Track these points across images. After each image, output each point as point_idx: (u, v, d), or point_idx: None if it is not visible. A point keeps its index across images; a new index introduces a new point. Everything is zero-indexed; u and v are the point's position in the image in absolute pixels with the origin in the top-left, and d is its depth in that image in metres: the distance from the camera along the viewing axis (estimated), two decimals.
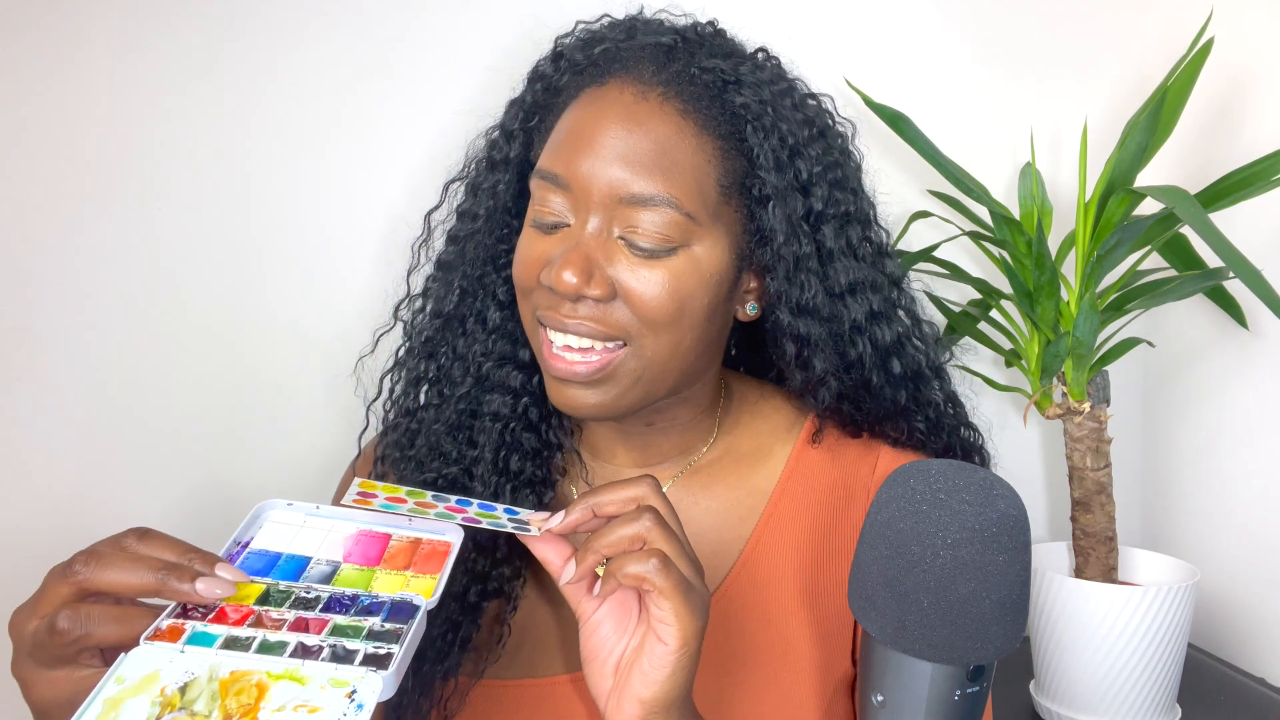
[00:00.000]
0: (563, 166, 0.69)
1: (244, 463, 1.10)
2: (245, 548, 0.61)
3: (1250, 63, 1.06)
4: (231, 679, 0.50)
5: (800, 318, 0.73)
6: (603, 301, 0.69)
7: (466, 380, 0.79)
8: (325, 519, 0.64)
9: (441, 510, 0.64)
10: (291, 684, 0.50)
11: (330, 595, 0.57)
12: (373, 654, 0.53)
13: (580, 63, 0.74)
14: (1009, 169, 1.19)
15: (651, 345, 0.70)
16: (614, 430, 0.78)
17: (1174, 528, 1.19)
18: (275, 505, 0.64)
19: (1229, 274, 0.92)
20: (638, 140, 0.69)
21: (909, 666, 0.55)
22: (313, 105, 1.09)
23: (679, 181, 0.69)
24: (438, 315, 0.81)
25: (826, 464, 0.79)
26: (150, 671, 0.50)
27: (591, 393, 0.70)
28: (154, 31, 1.05)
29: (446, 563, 0.61)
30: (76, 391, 1.06)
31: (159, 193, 1.06)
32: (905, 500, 0.55)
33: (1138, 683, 0.92)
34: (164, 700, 0.49)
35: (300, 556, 0.61)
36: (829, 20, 1.17)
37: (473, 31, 1.10)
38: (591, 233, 0.69)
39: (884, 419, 0.78)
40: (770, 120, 0.73)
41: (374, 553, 0.62)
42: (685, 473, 0.79)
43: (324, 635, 0.54)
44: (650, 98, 0.70)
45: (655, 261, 0.69)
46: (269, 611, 0.55)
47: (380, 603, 0.57)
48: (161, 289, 1.07)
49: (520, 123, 0.78)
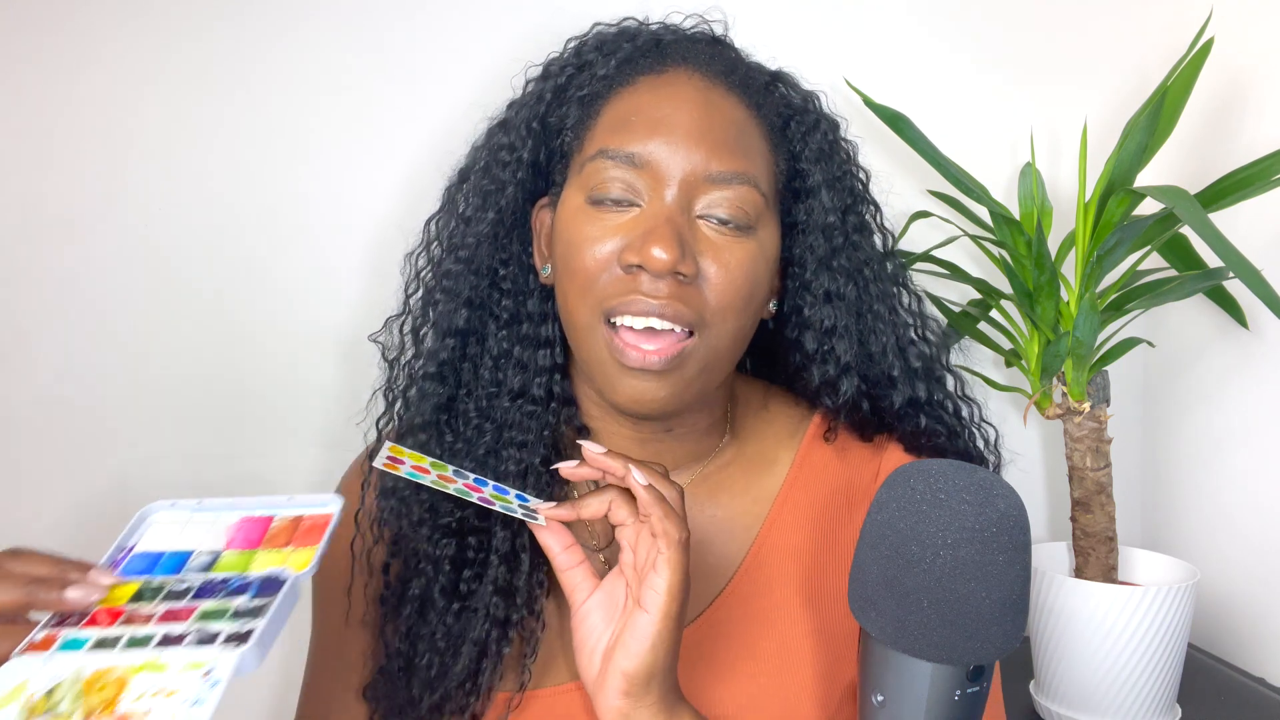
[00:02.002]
0: (639, 144, 0.69)
1: (244, 461, 1.10)
2: (129, 552, 0.62)
3: (1250, 63, 1.06)
4: (95, 678, 0.52)
5: (828, 305, 0.75)
6: (687, 281, 0.68)
7: (485, 428, 0.76)
8: (209, 512, 0.65)
9: (460, 486, 0.65)
10: (152, 673, 0.52)
11: (202, 583, 0.59)
12: (235, 633, 0.54)
13: (624, 52, 0.74)
14: (1009, 169, 1.19)
15: (719, 333, 0.70)
16: (630, 438, 0.77)
17: (1174, 528, 1.19)
18: (159, 507, 0.65)
19: (1229, 274, 0.92)
20: (717, 122, 0.70)
21: (909, 666, 0.55)
22: (310, 106, 1.09)
23: (755, 163, 0.71)
24: (448, 334, 0.77)
25: (832, 467, 0.79)
26: (19, 681, 0.52)
27: (660, 385, 0.69)
28: (154, 33, 1.05)
29: (325, 533, 0.62)
30: (77, 391, 1.06)
31: (159, 193, 1.06)
32: (905, 500, 0.55)
33: (1138, 683, 0.92)
34: (30, 706, 0.51)
35: (182, 552, 0.62)
36: (829, 20, 1.17)
37: (472, 27, 1.10)
38: (670, 209, 0.68)
39: (902, 418, 0.78)
40: (813, 117, 0.76)
41: (256, 535, 0.63)
42: (695, 480, 0.79)
43: (190, 622, 0.55)
44: (718, 85, 0.72)
45: (736, 242, 0.69)
46: (140, 608, 0.57)
47: (248, 582, 0.58)
48: (161, 289, 1.07)
49: (539, 118, 0.76)
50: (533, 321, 0.77)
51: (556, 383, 0.77)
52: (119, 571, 0.60)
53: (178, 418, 1.08)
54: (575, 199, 0.71)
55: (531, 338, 0.77)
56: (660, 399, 0.69)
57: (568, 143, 0.75)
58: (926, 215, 1.09)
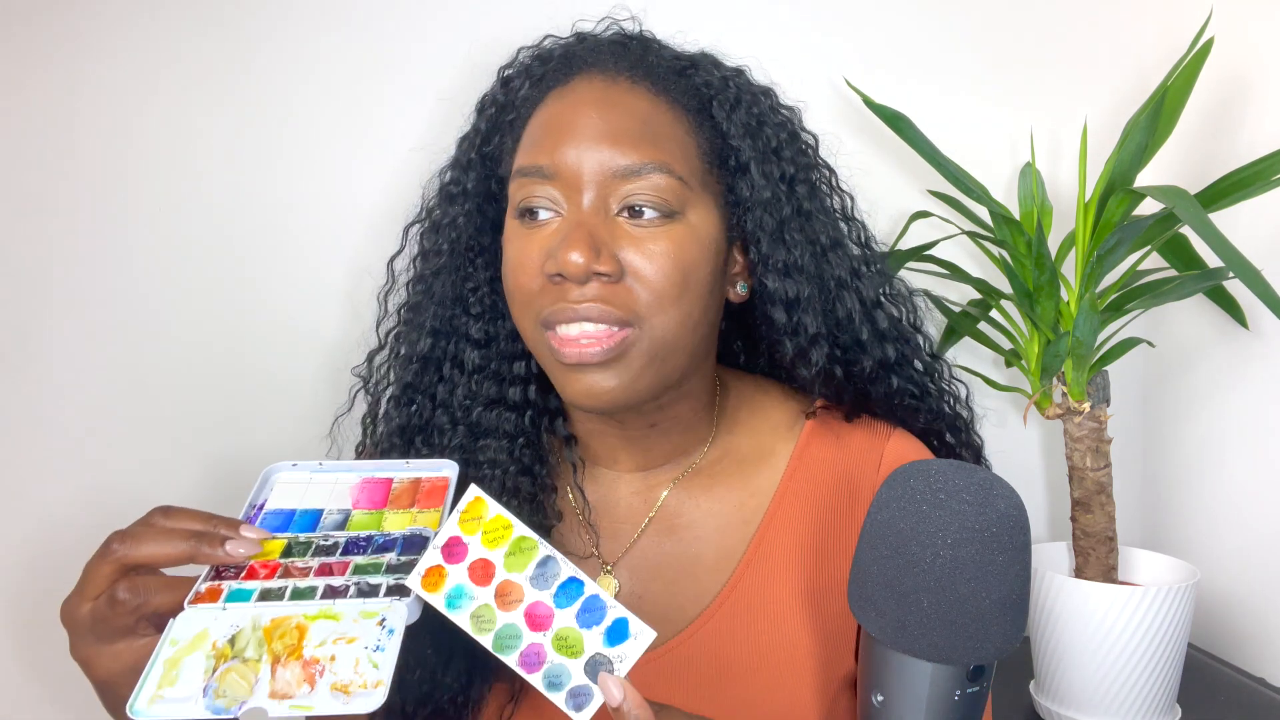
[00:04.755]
0: (546, 157, 0.70)
1: (244, 455, 1.10)
2: (261, 509, 0.65)
3: (1250, 63, 1.06)
4: (273, 625, 0.55)
5: (788, 278, 0.74)
6: (612, 280, 0.68)
7: (458, 430, 0.78)
8: (329, 473, 0.69)
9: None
10: (328, 621, 0.55)
11: (347, 539, 0.62)
12: (395, 585, 0.58)
13: (538, 72, 0.76)
14: (1009, 169, 1.19)
15: (660, 323, 0.69)
16: (617, 435, 0.78)
17: (1174, 528, 1.19)
18: (281, 467, 0.68)
19: (1229, 274, 0.92)
20: (618, 117, 0.70)
21: (909, 666, 0.55)
22: (306, 106, 1.09)
23: (666, 149, 0.70)
24: (411, 360, 0.80)
25: (832, 459, 0.79)
26: (199, 630, 0.55)
27: (607, 376, 0.69)
28: (151, 34, 1.05)
29: (447, 495, 0.65)
30: (77, 390, 1.06)
31: (158, 194, 1.07)
32: (905, 500, 0.55)
33: (1138, 683, 0.92)
34: (217, 653, 0.54)
35: (313, 510, 0.65)
36: (829, 20, 1.17)
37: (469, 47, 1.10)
38: (588, 213, 0.69)
39: (874, 380, 0.77)
40: (734, 94, 0.76)
41: (379, 497, 0.67)
42: (686, 475, 0.79)
43: (348, 575, 0.59)
44: (620, 81, 0.72)
45: (658, 231, 0.69)
46: (294, 562, 0.60)
47: (393, 539, 0.62)
48: (160, 289, 1.07)
49: (476, 149, 0.79)
50: (506, 339, 0.79)
51: (533, 391, 0.79)
52: (256, 526, 0.63)
53: (172, 416, 1.08)
54: (510, 221, 0.73)
55: (507, 353, 0.79)
56: (609, 389, 0.69)
57: (505, 168, 0.76)
58: (926, 215, 1.09)
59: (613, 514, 0.79)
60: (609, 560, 0.78)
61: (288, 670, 0.53)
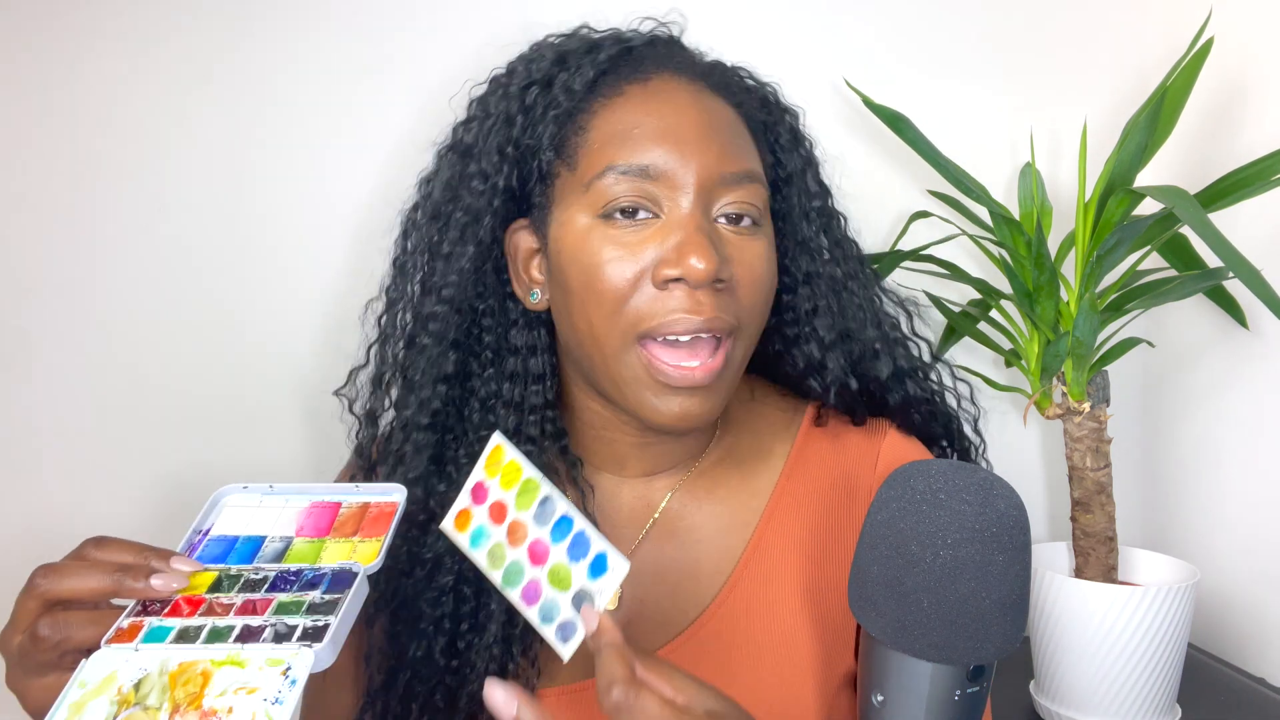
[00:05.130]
0: (648, 156, 0.67)
1: (239, 459, 1.10)
2: (206, 535, 0.63)
3: (1250, 63, 1.06)
4: (180, 670, 0.53)
5: (806, 288, 0.77)
6: (724, 288, 0.68)
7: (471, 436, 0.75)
8: (279, 496, 0.66)
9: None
10: (233, 669, 0.53)
11: (276, 574, 0.60)
12: (310, 628, 0.55)
13: (601, 63, 0.72)
14: (1009, 169, 1.19)
15: (749, 334, 0.70)
16: (631, 444, 0.77)
17: (1174, 528, 1.19)
18: (232, 490, 0.66)
19: (1229, 274, 0.92)
20: (717, 123, 0.70)
21: (909, 666, 0.55)
22: (305, 110, 1.09)
23: (756, 160, 0.72)
24: (437, 382, 0.74)
25: (829, 458, 0.79)
26: (109, 673, 0.53)
27: (704, 399, 0.68)
28: (149, 36, 1.05)
29: (391, 524, 0.63)
30: (74, 393, 1.06)
31: (156, 194, 1.06)
32: (905, 500, 0.55)
33: (1138, 683, 0.92)
34: (121, 698, 0.52)
35: (256, 537, 0.63)
36: (828, 20, 1.17)
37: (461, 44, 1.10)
38: (697, 216, 0.67)
39: (890, 389, 0.79)
40: (779, 109, 0.78)
41: (325, 524, 0.64)
42: (687, 478, 0.79)
43: (268, 614, 0.56)
44: (705, 88, 0.72)
45: (752, 241, 0.70)
46: (219, 598, 0.58)
47: (321, 575, 0.59)
48: (159, 289, 1.07)
49: (513, 142, 0.72)
50: (519, 355, 0.75)
51: (549, 420, 0.75)
52: (197, 555, 0.61)
53: (168, 418, 1.08)
54: (581, 219, 0.69)
55: (521, 374, 0.74)
56: (704, 412, 0.69)
57: (548, 163, 0.71)
58: (926, 215, 1.09)
59: (614, 519, 0.78)
60: None
61: None
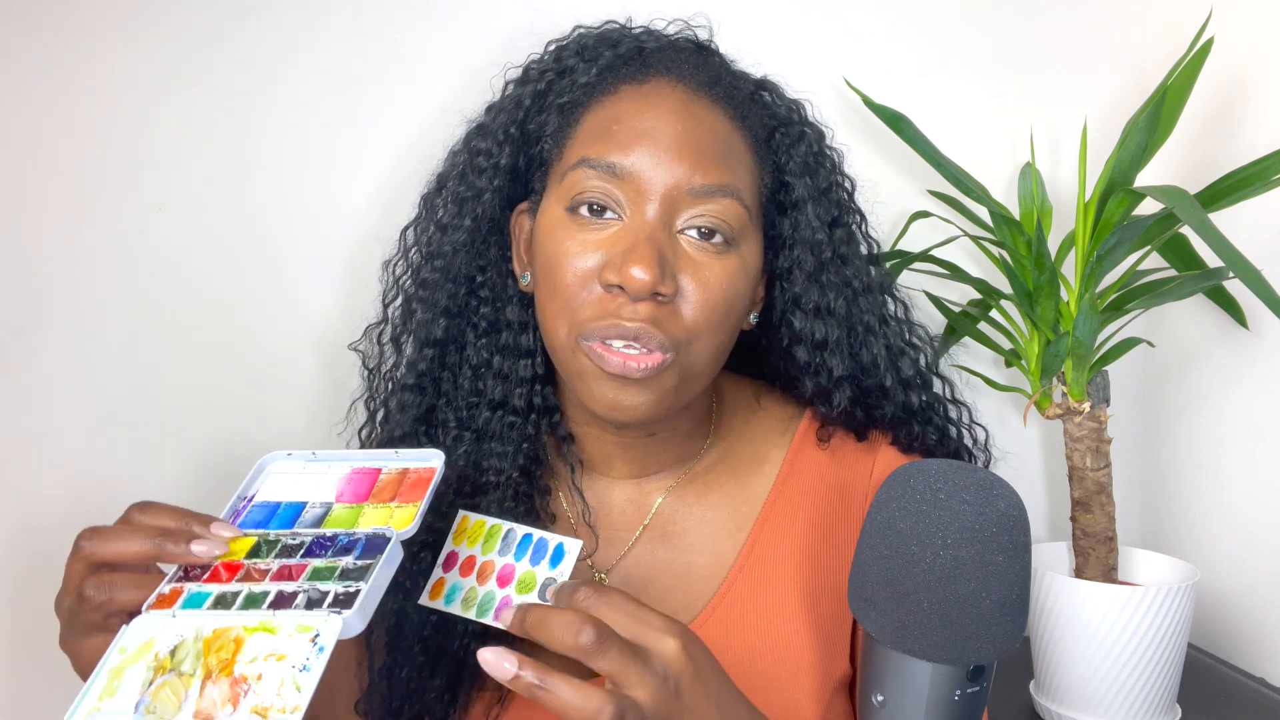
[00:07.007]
0: (620, 155, 0.67)
1: (227, 463, 1.10)
2: (250, 501, 0.64)
3: (1250, 63, 1.06)
4: (214, 637, 0.53)
5: (819, 320, 0.74)
6: (666, 301, 0.67)
7: (465, 436, 0.76)
8: (322, 463, 0.67)
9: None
10: (265, 635, 0.53)
11: (313, 539, 0.60)
12: (341, 594, 0.55)
13: (605, 59, 0.73)
14: (1009, 169, 1.19)
15: (696, 350, 0.69)
16: (614, 443, 0.77)
17: (1174, 528, 1.19)
18: (276, 457, 0.67)
19: (1229, 274, 0.92)
20: (702, 134, 0.68)
21: (909, 666, 0.55)
22: (303, 110, 1.08)
23: (739, 175, 0.70)
24: (426, 344, 0.77)
25: (824, 465, 0.79)
26: (147, 639, 0.54)
27: (639, 393, 0.68)
28: (149, 34, 1.05)
29: (428, 490, 0.63)
30: (75, 390, 1.06)
31: (157, 195, 1.06)
32: (905, 500, 0.55)
33: (1138, 683, 0.92)
34: (157, 664, 0.52)
35: (297, 503, 0.64)
36: (829, 20, 1.17)
37: (459, 31, 1.10)
38: (654, 226, 0.67)
39: (895, 425, 0.78)
40: (797, 128, 0.75)
41: (364, 489, 0.64)
42: (680, 482, 0.79)
43: (302, 580, 0.57)
44: (701, 97, 0.71)
45: (716, 259, 0.68)
46: (256, 564, 0.58)
47: (355, 540, 0.59)
48: (158, 289, 1.07)
49: (518, 124, 0.75)
50: (512, 330, 0.76)
51: (537, 393, 0.76)
52: (239, 522, 0.62)
53: (170, 409, 1.08)
54: (555, 209, 0.70)
55: (512, 347, 0.76)
56: (637, 406, 0.68)
57: (547, 150, 0.73)
58: (926, 215, 1.09)
59: (606, 521, 0.78)
60: (602, 568, 0.77)
61: (216, 688, 0.51)
